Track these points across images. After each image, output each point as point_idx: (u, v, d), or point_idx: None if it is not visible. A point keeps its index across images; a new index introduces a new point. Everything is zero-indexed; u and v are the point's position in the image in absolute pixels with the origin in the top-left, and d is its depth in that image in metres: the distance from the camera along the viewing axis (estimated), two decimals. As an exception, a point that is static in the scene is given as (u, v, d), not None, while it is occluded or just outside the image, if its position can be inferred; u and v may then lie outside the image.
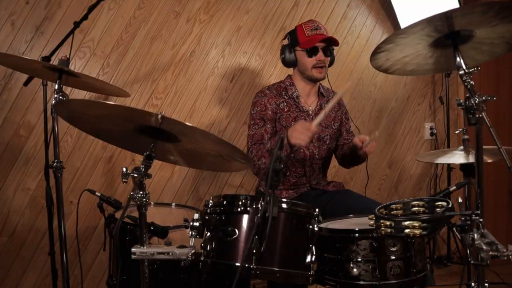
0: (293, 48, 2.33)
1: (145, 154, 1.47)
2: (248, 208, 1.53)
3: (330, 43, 2.31)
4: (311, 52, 2.28)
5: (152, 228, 1.65)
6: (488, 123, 1.32)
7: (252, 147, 2.24)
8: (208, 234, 1.57)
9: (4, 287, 2.50)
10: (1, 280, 2.50)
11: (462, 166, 1.91)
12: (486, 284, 1.30)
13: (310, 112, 2.38)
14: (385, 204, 1.37)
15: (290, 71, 2.45)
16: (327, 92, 2.48)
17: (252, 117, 2.32)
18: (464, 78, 1.31)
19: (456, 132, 2.27)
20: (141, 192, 1.46)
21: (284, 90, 2.37)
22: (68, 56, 1.98)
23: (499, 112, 3.58)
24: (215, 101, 2.94)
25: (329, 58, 2.35)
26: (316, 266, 1.70)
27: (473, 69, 1.32)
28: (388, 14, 3.43)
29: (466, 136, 2.02)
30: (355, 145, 2.19)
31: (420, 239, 1.68)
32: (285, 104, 2.34)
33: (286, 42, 2.38)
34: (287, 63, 2.38)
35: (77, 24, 2.14)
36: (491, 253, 1.18)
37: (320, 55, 2.29)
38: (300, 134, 1.96)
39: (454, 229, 1.25)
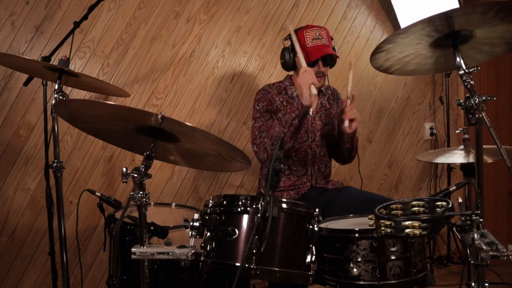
0: (293, 54, 2.28)
1: (145, 154, 1.47)
2: (248, 208, 1.53)
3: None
4: (311, 63, 2.23)
5: (152, 228, 1.65)
6: (488, 123, 1.32)
7: (261, 134, 2.20)
8: (208, 234, 1.57)
9: (4, 287, 2.50)
10: (1, 280, 2.50)
11: (462, 166, 1.91)
12: (486, 284, 1.30)
13: (311, 113, 2.37)
14: (385, 204, 1.37)
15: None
16: (326, 90, 2.47)
17: (257, 111, 2.29)
18: (464, 78, 1.31)
19: (457, 131, 2.28)
20: (141, 192, 1.47)
21: (284, 90, 2.37)
22: (68, 56, 1.98)
23: (499, 112, 3.58)
24: (215, 101, 2.94)
25: (328, 67, 2.30)
26: (316, 266, 1.71)
27: (473, 69, 1.32)
28: (388, 14, 3.43)
29: (466, 136, 2.02)
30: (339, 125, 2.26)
31: (420, 239, 1.68)
32: (286, 102, 2.33)
33: (287, 42, 2.34)
34: (286, 67, 2.35)
35: (77, 24, 2.14)
36: (491, 253, 1.18)
37: (320, 66, 2.25)
38: (305, 79, 2.04)
39: (454, 229, 1.25)
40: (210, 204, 1.61)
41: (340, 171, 3.25)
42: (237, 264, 1.48)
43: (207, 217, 1.59)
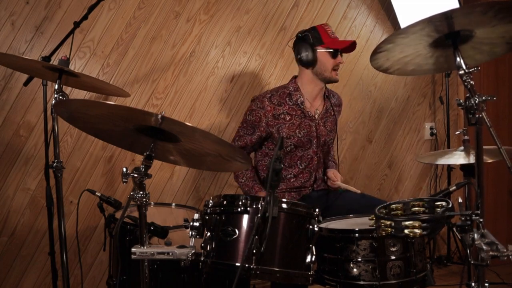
0: (313, 48, 2.27)
1: (145, 154, 1.47)
2: (248, 208, 1.53)
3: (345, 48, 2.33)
4: (335, 53, 2.27)
5: (152, 228, 1.65)
6: (488, 123, 1.32)
7: (238, 143, 2.38)
8: (208, 234, 1.57)
9: (4, 287, 2.50)
10: (1, 280, 2.50)
11: (462, 166, 1.91)
12: (486, 284, 1.30)
13: (316, 117, 2.35)
14: (385, 204, 1.37)
15: (295, 71, 2.42)
16: (333, 95, 2.48)
17: (245, 120, 2.35)
18: (464, 78, 1.31)
19: (457, 133, 2.29)
20: (141, 192, 1.47)
21: (288, 96, 2.32)
22: (68, 56, 1.98)
23: (499, 112, 3.58)
24: (215, 101, 2.94)
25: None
26: (316, 266, 1.71)
27: (473, 69, 1.32)
28: (388, 14, 3.43)
29: (466, 137, 2.02)
30: (327, 173, 2.41)
31: (420, 239, 1.68)
32: (287, 113, 2.30)
33: (292, 43, 2.36)
34: (304, 63, 2.29)
35: (77, 24, 2.14)
36: (491, 253, 1.17)
37: (340, 58, 2.30)
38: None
39: (454, 229, 1.25)
40: (210, 204, 1.61)
41: (340, 171, 3.24)
42: (237, 264, 1.48)
43: (207, 217, 1.59)
